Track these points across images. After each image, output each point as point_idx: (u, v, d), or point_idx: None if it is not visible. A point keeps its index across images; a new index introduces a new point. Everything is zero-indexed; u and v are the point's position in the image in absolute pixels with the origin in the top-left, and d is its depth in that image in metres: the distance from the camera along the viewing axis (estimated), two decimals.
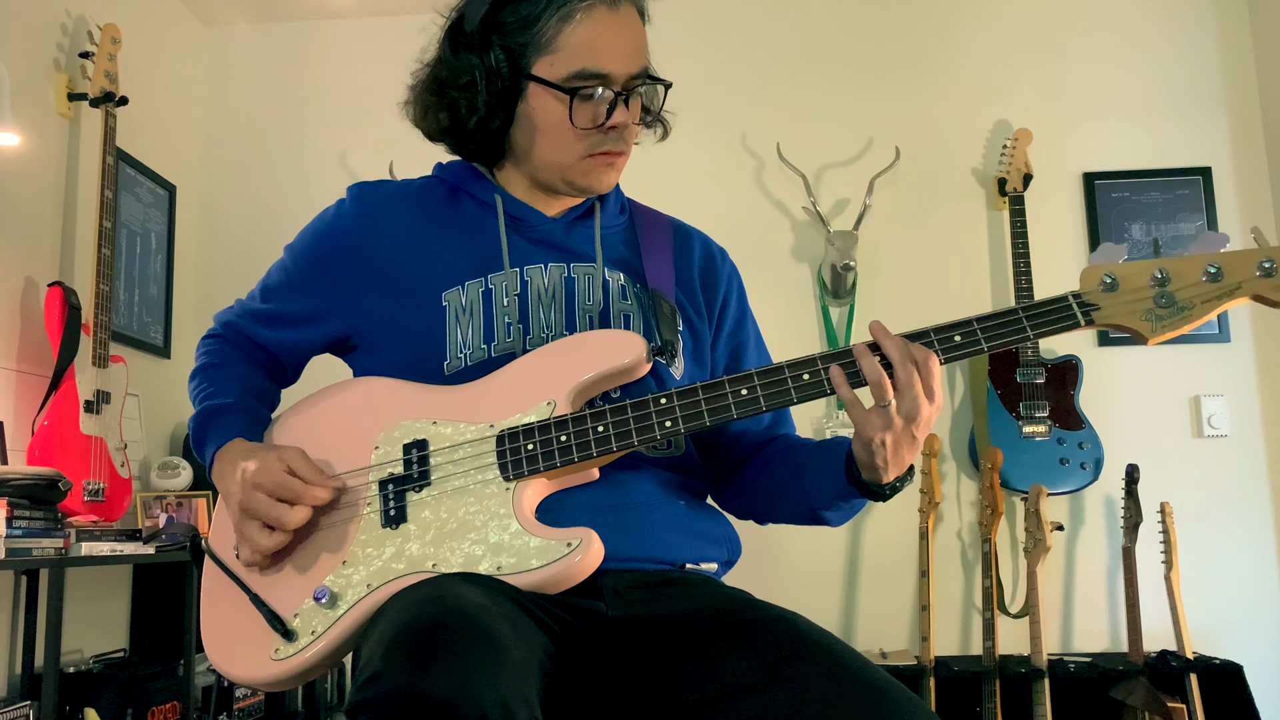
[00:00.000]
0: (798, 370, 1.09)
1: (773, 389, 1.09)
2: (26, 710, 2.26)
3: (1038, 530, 2.84)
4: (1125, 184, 3.36)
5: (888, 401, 1.05)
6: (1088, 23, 3.45)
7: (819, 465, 1.19)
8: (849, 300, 3.32)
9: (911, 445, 1.08)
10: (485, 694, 0.82)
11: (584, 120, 1.19)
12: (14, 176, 2.66)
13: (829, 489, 1.17)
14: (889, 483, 1.12)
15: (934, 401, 1.06)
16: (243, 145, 3.62)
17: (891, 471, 1.10)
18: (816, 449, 1.23)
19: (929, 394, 1.05)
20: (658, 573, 1.15)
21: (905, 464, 1.11)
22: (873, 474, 1.11)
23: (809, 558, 3.24)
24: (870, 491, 1.13)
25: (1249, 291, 1.04)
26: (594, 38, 1.17)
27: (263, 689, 1.87)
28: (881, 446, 1.07)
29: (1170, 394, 3.25)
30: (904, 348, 1.06)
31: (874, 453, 1.08)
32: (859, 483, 1.13)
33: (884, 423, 1.06)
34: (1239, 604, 3.13)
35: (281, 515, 1.10)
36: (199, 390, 1.29)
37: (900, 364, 1.05)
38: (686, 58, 3.37)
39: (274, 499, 1.11)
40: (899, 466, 1.10)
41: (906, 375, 1.05)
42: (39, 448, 2.48)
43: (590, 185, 1.25)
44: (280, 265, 1.32)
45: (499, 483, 1.10)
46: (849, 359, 1.08)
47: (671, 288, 1.27)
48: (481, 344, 1.19)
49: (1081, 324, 1.07)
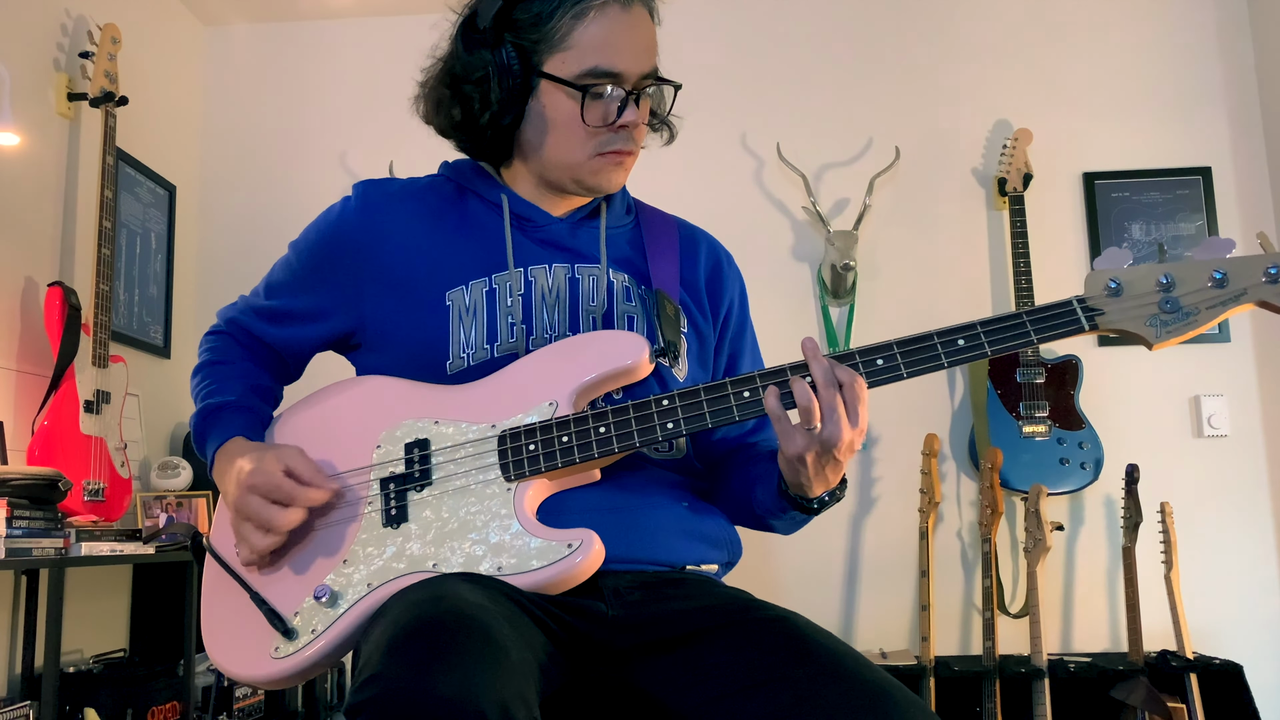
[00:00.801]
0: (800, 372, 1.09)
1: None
2: (26, 710, 2.26)
3: (1038, 530, 2.84)
4: (1125, 184, 3.35)
5: (812, 425, 1.05)
6: (1087, 23, 3.45)
7: (762, 476, 1.20)
8: (849, 300, 3.32)
9: (835, 466, 1.08)
10: (485, 694, 0.82)
11: (595, 118, 1.19)
12: (14, 176, 2.66)
13: (769, 499, 1.18)
14: (815, 497, 1.12)
15: (857, 425, 1.05)
16: (243, 145, 3.62)
17: (817, 488, 1.11)
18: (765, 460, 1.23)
19: (852, 419, 1.04)
20: (658, 574, 1.15)
21: (830, 482, 1.11)
22: (799, 490, 1.12)
23: (809, 558, 3.24)
24: (799, 506, 1.14)
25: (1255, 298, 1.03)
26: (607, 36, 1.18)
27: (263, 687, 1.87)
28: (803, 465, 1.07)
29: (1170, 394, 3.25)
30: (829, 370, 1.05)
31: (797, 471, 1.09)
32: (788, 497, 1.14)
33: (807, 443, 1.06)
34: (1239, 604, 3.13)
35: (273, 518, 1.10)
36: (201, 387, 1.29)
37: (823, 387, 1.05)
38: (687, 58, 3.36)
39: (268, 500, 1.11)
40: (823, 484, 1.10)
41: (830, 398, 1.04)
42: (39, 448, 2.48)
43: (599, 184, 1.25)
44: (284, 262, 1.32)
45: (500, 483, 1.10)
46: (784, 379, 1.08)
47: (676, 289, 1.26)
48: (484, 344, 1.19)
49: (1085, 329, 1.06)
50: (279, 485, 1.11)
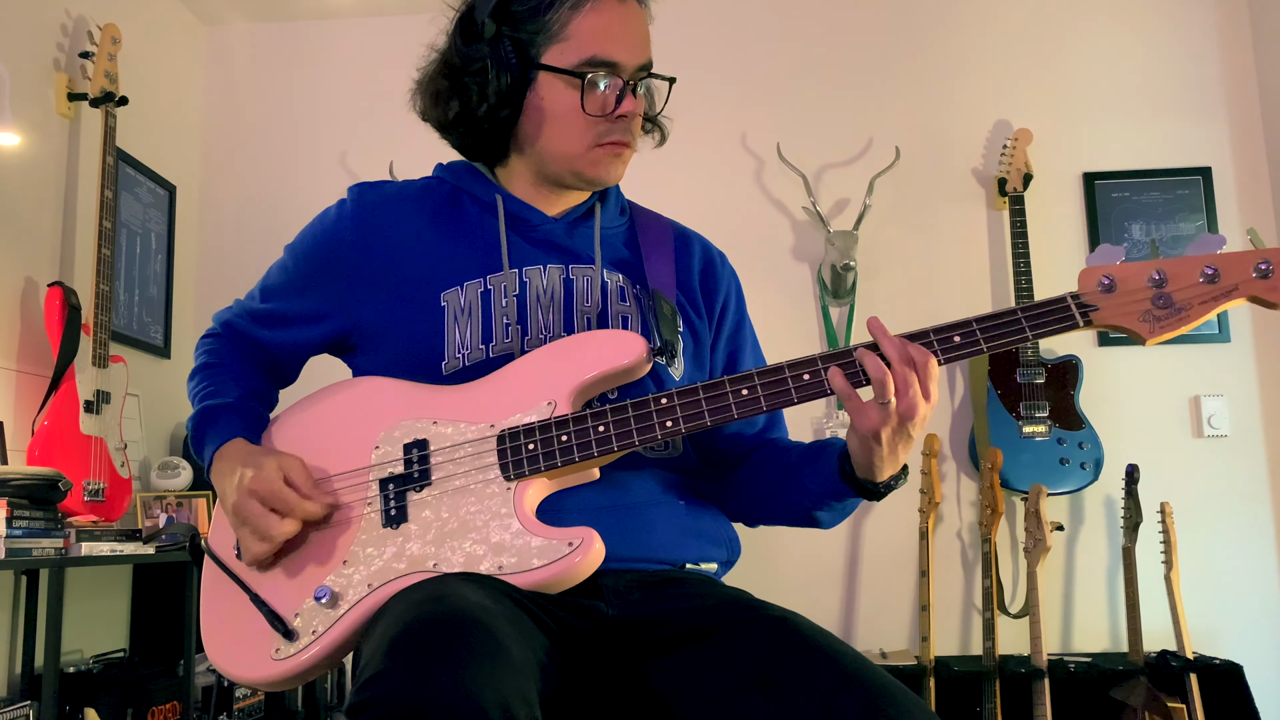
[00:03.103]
0: (798, 370, 1.09)
1: (773, 389, 1.09)
2: (26, 710, 2.26)
3: (1038, 530, 2.84)
4: (1125, 184, 3.36)
5: (887, 400, 1.05)
6: (1088, 23, 3.45)
7: (812, 465, 1.19)
8: (849, 300, 3.32)
9: (907, 443, 1.08)
10: (486, 694, 0.82)
11: (594, 107, 1.20)
12: (14, 176, 2.66)
13: (822, 488, 1.17)
14: (883, 481, 1.12)
15: (930, 401, 1.06)
16: (243, 145, 3.62)
17: (887, 469, 1.10)
18: (809, 449, 1.23)
19: (925, 394, 1.06)
20: (658, 573, 1.15)
21: (900, 461, 1.11)
22: (868, 471, 1.11)
23: (809, 558, 3.24)
24: (864, 490, 1.13)
25: (1245, 293, 1.04)
26: (604, 26, 1.19)
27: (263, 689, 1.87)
28: (878, 443, 1.07)
29: (1170, 394, 3.25)
30: (902, 348, 1.06)
31: (870, 449, 1.08)
32: (853, 480, 1.13)
33: (881, 418, 1.06)
34: (1239, 604, 3.13)
35: (270, 527, 1.11)
36: (198, 390, 1.29)
37: (898, 364, 1.05)
38: (687, 57, 3.37)
39: (266, 509, 1.11)
40: (894, 464, 1.10)
41: (904, 375, 1.05)
42: (39, 448, 2.48)
43: (598, 176, 1.25)
44: (280, 265, 1.32)
45: (500, 482, 1.10)
46: (849, 359, 1.08)
47: (672, 289, 1.27)
48: (479, 344, 1.19)
49: (1080, 325, 1.07)
50: (279, 494, 1.11)
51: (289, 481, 1.12)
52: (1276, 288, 1.03)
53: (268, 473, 1.12)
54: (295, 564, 1.14)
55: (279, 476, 1.12)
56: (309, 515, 1.12)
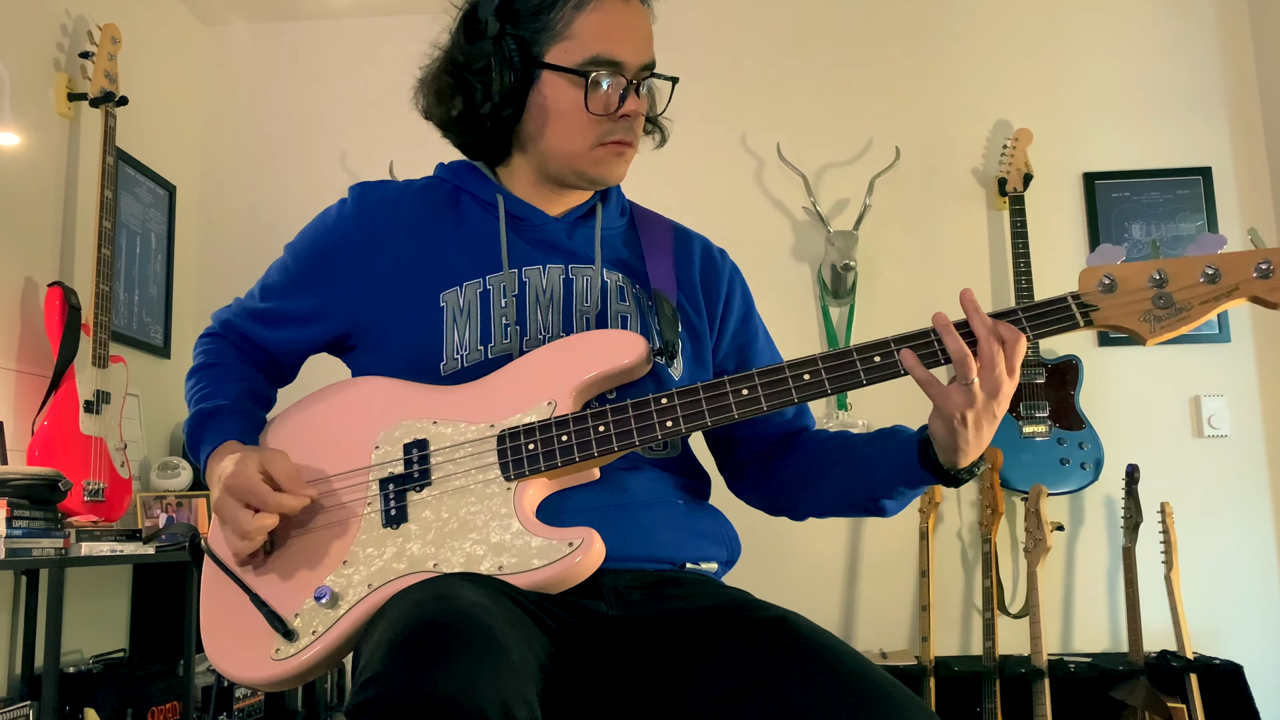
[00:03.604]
0: (798, 370, 1.10)
1: (773, 389, 1.09)
2: (26, 710, 2.26)
3: (1038, 530, 2.84)
4: (1125, 184, 3.36)
5: (971, 379, 1.05)
6: (1087, 23, 3.45)
7: (883, 453, 1.18)
8: (849, 300, 3.32)
9: (992, 423, 1.08)
10: (486, 694, 0.82)
11: (598, 106, 1.20)
12: (14, 176, 2.66)
13: (896, 476, 1.17)
14: (965, 466, 1.11)
15: (1013, 378, 1.06)
16: (243, 145, 3.62)
17: (973, 451, 1.10)
18: (873, 437, 1.22)
19: (1011, 371, 1.06)
20: (658, 572, 1.15)
21: (985, 442, 1.10)
22: (951, 455, 1.10)
23: (809, 558, 3.24)
24: (945, 476, 1.13)
25: (1246, 293, 1.05)
26: (608, 25, 1.19)
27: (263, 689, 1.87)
28: (963, 425, 1.06)
29: (1170, 394, 3.25)
30: (992, 325, 1.07)
31: (955, 431, 1.07)
32: (934, 466, 1.12)
33: (966, 400, 1.05)
34: (1239, 604, 3.13)
35: (244, 522, 1.10)
36: (195, 390, 1.29)
37: (985, 340, 1.06)
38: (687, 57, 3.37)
39: (240, 504, 1.11)
40: (980, 445, 1.09)
41: (991, 352, 1.05)
42: (39, 448, 2.48)
43: (601, 176, 1.25)
44: (280, 264, 1.32)
45: (500, 482, 1.10)
46: (926, 339, 1.08)
47: (673, 289, 1.27)
48: (478, 345, 1.19)
49: (1080, 325, 1.07)
50: (253, 489, 1.10)
51: (269, 477, 1.11)
52: (1277, 288, 1.04)
53: (246, 468, 1.11)
54: (295, 564, 1.13)
55: (256, 472, 1.11)
56: (284, 509, 1.11)
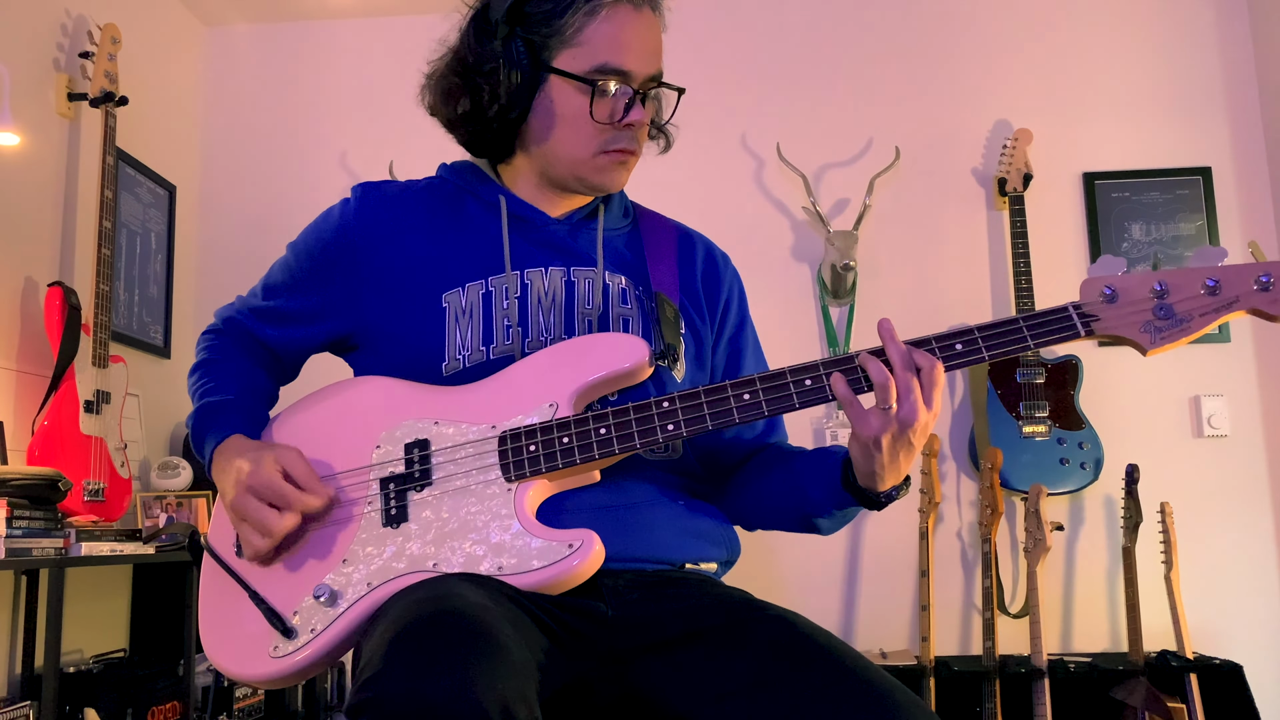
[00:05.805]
0: (800, 375, 1.09)
1: (774, 394, 1.09)
2: (26, 710, 2.26)
3: (1038, 530, 2.84)
4: (1125, 184, 3.36)
5: (889, 405, 1.05)
6: (1087, 23, 3.45)
7: (814, 472, 1.19)
8: (849, 300, 3.32)
9: (909, 451, 1.08)
10: (485, 694, 0.82)
11: (603, 114, 1.20)
12: (14, 176, 2.66)
13: (824, 496, 1.18)
14: (884, 491, 1.12)
15: (931, 409, 1.06)
16: (243, 145, 3.62)
17: (888, 478, 1.10)
18: (811, 456, 1.23)
19: (928, 401, 1.06)
20: (657, 573, 1.15)
21: (903, 471, 1.10)
22: (869, 480, 1.11)
23: (809, 558, 3.24)
24: (865, 499, 1.14)
25: (1246, 305, 1.06)
26: (618, 34, 1.19)
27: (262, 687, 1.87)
28: (878, 449, 1.07)
29: (1170, 394, 3.25)
30: (907, 353, 1.06)
31: (871, 455, 1.08)
32: (854, 489, 1.13)
33: (882, 424, 1.05)
34: (1239, 604, 3.13)
35: (269, 522, 1.10)
36: (199, 386, 1.29)
37: (900, 369, 1.05)
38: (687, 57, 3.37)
39: (264, 504, 1.11)
40: (896, 473, 1.10)
41: (906, 380, 1.05)
42: (39, 448, 2.48)
43: (602, 183, 1.25)
44: (283, 263, 1.32)
45: (501, 483, 1.10)
46: (852, 365, 1.08)
47: (676, 291, 1.27)
48: (480, 346, 1.19)
49: (1081, 334, 1.08)
50: (277, 488, 1.11)
51: (287, 475, 1.12)
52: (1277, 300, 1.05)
53: (265, 467, 1.11)
54: (295, 562, 1.14)
55: (277, 471, 1.11)
56: (308, 508, 1.12)
